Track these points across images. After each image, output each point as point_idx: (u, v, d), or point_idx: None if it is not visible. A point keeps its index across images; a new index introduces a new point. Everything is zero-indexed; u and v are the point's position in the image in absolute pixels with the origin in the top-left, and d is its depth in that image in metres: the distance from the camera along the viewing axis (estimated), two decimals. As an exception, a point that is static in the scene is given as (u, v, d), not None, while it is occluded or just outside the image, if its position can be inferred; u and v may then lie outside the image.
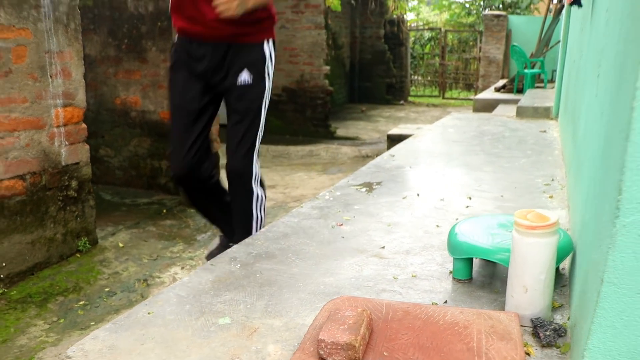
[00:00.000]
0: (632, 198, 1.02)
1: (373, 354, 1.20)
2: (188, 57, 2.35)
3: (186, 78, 2.36)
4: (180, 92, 2.36)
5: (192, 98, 2.36)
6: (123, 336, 1.43)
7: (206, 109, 2.44)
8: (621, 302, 1.09)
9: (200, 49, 2.33)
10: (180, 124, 2.36)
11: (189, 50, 2.34)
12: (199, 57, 2.33)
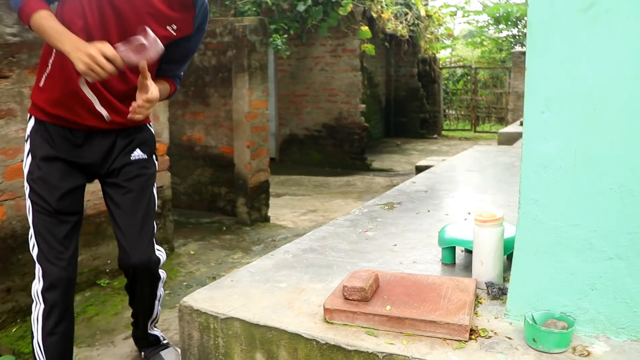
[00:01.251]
0: (526, 195, 1.76)
1: (377, 296, 1.94)
2: (68, 146, 2.01)
3: (64, 172, 2.00)
4: (58, 192, 1.97)
5: (76, 198, 2.05)
6: (216, 292, 2.20)
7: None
8: (525, 260, 1.81)
9: (85, 137, 2.04)
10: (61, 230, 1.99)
11: (68, 139, 2.00)
12: (83, 145, 2.03)
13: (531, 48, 1.67)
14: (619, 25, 1.55)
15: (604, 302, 1.70)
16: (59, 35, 1.78)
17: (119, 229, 2.13)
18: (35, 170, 1.96)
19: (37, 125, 1.98)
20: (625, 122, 1.59)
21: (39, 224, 1.95)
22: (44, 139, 1.98)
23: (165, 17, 1.94)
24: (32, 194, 1.96)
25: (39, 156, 1.96)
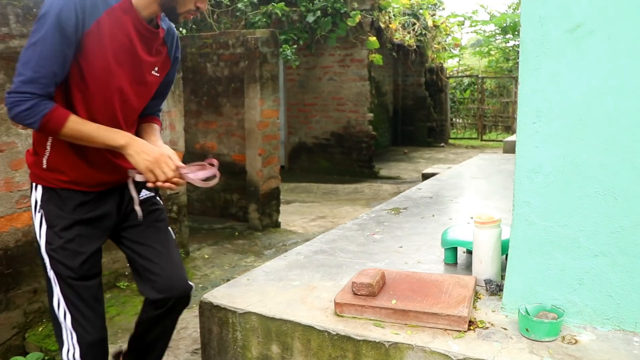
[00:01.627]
0: (519, 198, 1.92)
1: (384, 291, 2.10)
2: (82, 206, 1.91)
3: (83, 237, 1.90)
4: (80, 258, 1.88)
5: (97, 260, 1.97)
6: (234, 290, 2.37)
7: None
8: (519, 258, 1.97)
9: (95, 195, 1.95)
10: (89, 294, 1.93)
11: (81, 199, 1.91)
12: (96, 199, 1.95)
13: (523, 64, 1.84)
14: (601, 44, 1.72)
15: (591, 296, 1.86)
16: (109, 133, 1.78)
17: (150, 263, 2.03)
18: (54, 240, 1.86)
19: (47, 193, 1.89)
20: (608, 132, 1.75)
21: (67, 292, 1.89)
22: (58, 206, 1.88)
23: (148, 64, 1.93)
24: (54, 264, 1.88)
25: (57, 226, 1.86)
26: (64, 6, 1.65)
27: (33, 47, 1.66)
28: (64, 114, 1.72)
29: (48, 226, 1.88)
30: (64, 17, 1.65)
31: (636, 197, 1.75)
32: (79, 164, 1.88)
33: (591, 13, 1.72)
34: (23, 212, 3.15)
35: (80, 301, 1.91)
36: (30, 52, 1.66)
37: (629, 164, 1.74)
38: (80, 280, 1.89)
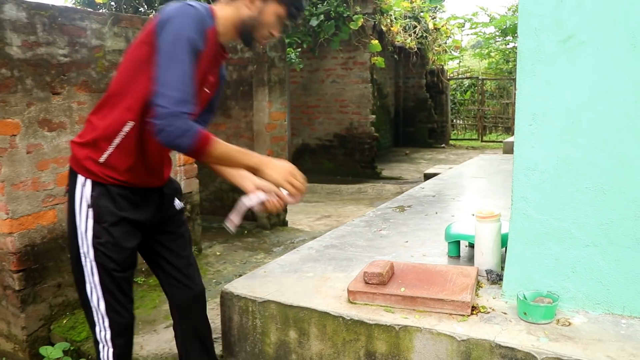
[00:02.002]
0: (517, 194, 2.10)
1: (393, 281, 2.28)
2: (129, 205, 2.01)
3: (128, 233, 2.01)
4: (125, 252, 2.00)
5: (135, 255, 2.10)
6: (253, 281, 2.55)
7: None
8: (517, 249, 2.15)
9: (142, 195, 2.06)
10: (126, 285, 2.06)
11: (129, 198, 2.01)
12: (141, 203, 2.05)
13: (520, 71, 2.02)
14: (591, 54, 1.90)
15: (583, 282, 2.03)
16: (244, 154, 1.91)
17: (175, 269, 2.21)
18: (103, 234, 1.94)
19: (97, 188, 1.94)
20: (597, 133, 1.93)
21: (106, 281, 1.98)
22: (109, 203, 1.95)
23: (209, 84, 2.07)
24: (98, 256, 1.95)
25: (106, 222, 1.95)
26: (192, 28, 1.77)
27: (172, 69, 1.73)
28: (209, 134, 1.81)
29: (96, 221, 1.94)
30: (194, 39, 1.77)
31: (623, 192, 1.93)
32: (137, 166, 1.98)
33: (581, 25, 1.90)
34: (48, 210, 3.32)
35: (117, 289, 2.01)
36: (170, 74, 1.73)
37: (616, 162, 1.92)
38: (121, 272, 2.00)
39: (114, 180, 1.96)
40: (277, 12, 1.96)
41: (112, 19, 3.57)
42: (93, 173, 1.95)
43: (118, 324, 2.05)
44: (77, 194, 1.97)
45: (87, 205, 1.95)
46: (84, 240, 1.97)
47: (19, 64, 3.06)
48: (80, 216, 1.96)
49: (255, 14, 1.95)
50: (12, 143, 3.07)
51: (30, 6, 3.10)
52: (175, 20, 1.77)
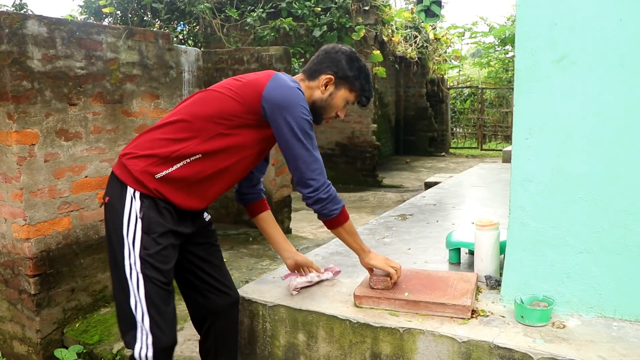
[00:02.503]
0: (515, 204, 2.22)
1: (397, 286, 2.40)
2: (173, 218, 2.08)
3: (173, 245, 2.09)
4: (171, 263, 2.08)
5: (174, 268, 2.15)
6: (263, 286, 2.67)
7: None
8: (515, 255, 2.27)
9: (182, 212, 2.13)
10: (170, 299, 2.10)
11: (171, 211, 2.07)
12: (181, 217, 2.12)
13: (517, 89, 2.15)
14: (583, 73, 2.03)
15: (577, 287, 2.16)
16: (358, 237, 2.39)
17: (212, 278, 2.32)
18: (151, 246, 1.99)
19: (146, 201, 2.01)
20: (589, 147, 2.06)
21: (153, 295, 2.00)
22: (157, 214, 2.02)
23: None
24: (147, 268, 1.99)
25: (155, 233, 2.00)
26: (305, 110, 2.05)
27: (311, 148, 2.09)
28: (345, 214, 2.29)
29: (144, 232, 1.99)
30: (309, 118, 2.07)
31: (613, 202, 2.05)
32: (195, 192, 2.10)
33: (574, 47, 2.03)
34: (64, 216, 3.45)
35: (164, 305, 2.04)
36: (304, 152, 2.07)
37: (607, 174, 2.05)
38: (167, 285, 2.04)
39: (163, 197, 2.03)
40: (347, 97, 2.19)
41: (126, 33, 3.71)
42: (145, 186, 2.01)
43: (161, 342, 2.04)
44: (126, 206, 2.01)
45: (136, 217, 2.00)
46: (132, 252, 2.00)
47: (39, 76, 3.20)
48: (128, 227, 2.00)
49: (326, 97, 2.18)
50: (31, 152, 3.21)
51: (50, 21, 3.24)
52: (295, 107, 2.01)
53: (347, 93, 2.19)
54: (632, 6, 1.94)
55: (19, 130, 3.13)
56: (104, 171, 3.68)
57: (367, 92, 2.21)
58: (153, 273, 2.00)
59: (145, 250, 1.99)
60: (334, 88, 2.17)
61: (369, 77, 2.22)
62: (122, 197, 2.02)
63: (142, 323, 2.02)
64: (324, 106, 2.19)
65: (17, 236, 3.29)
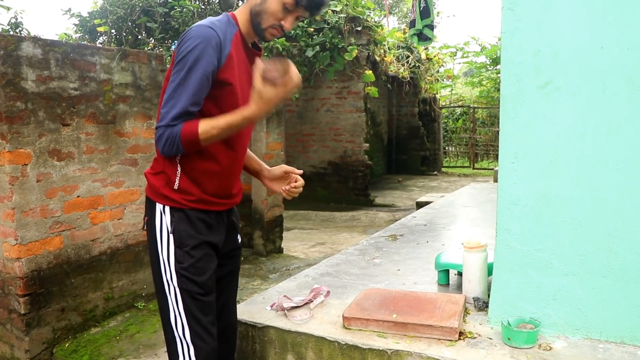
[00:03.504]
0: (501, 226, 2.25)
1: (385, 307, 2.42)
2: (206, 228, 2.03)
3: (209, 255, 2.04)
4: (207, 274, 2.02)
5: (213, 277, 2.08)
6: (252, 307, 2.68)
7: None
8: (502, 278, 2.30)
9: (216, 217, 2.08)
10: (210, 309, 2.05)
11: (205, 221, 2.03)
12: (215, 225, 2.07)
13: (503, 113, 2.19)
14: (566, 99, 2.08)
15: (563, 309, 2.18)
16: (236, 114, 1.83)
17: (222, 307, 2.23)
18: (185, 259, 1.96)
19: (177, 214, 1.98)
20: (573, 171, 2.10)
21: (191, 307, 1.98)
22: (188, 226, 1.98)
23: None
24: (182, 281, 1.97)
25: (188, 245, 1.97)
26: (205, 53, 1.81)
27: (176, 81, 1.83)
28: (193, 126, 1.82)
29: (177, 246, 1.96)
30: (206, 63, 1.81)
31: (597, 226, 2.09)
32: (207, 175, 1.99)
33: (558, 73, 2.08)
34: (55, 236, 3.46)
35: (203, 316, 2.01)
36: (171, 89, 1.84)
37: (591, 198, 2.09)
38: (205, 296, 2.00)
39: (192, 203, 1.98)
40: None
41: (120, 54, 3.75)
42: (171, 199, 1.98)
43: (203, 351, 2.02)
44: (157, 222, 2.00)
45: (167, 232, 1.98)
46: (167, 267, 1.99)
47: (33, 97, 3.23)
48: (162, 243, 1.99)
49: (259, 2, 1.91)
50: (24, 172, 3.22)
51: (45, 43, 3.28)
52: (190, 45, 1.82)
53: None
54: (613, 35, 1.99)
55: (12, 150, 3.15)
56: (96, 191, 3.70)
57: None
58: (190, 286, 1.97)
59: (179, 264, 1.96)
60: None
61: None
62: (153, 214, 2.01)
63: (183, 336, 2.00)
64: (259, 12, 1.91)
65: (8, 255, 3.29)
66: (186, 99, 1.82)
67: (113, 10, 8.76)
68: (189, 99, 1.82)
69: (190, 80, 1.81)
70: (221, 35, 1.86)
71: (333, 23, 8.97)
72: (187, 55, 1.81)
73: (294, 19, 1.93)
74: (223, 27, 1.90)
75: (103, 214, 3.80)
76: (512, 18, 2.13)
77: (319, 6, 1.92)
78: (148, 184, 2.06)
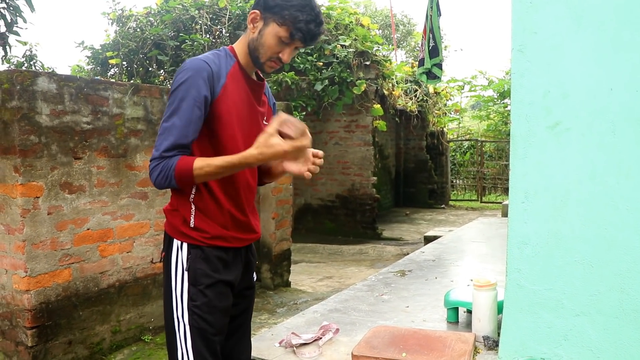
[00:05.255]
0: (511, 266, 2.25)
1: (395, 346, 2.41)
2: (223, 266, 2.00)
3: (223, 294, 2.00)
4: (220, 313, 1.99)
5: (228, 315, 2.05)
6: (261, 343, 2.67)
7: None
8: (512, 317, 2.29)
9: (234, 254, 2.04)
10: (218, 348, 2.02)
11: (223, 259, 2.00)
12: (231, 262, 2.03)
13: (513, 153, 2.20)
14: (576, 139, 2.09)
15: (574, 350, 2.16)
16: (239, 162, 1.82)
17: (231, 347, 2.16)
18: (198, 297, 1.94)
19: (193, 251, 1.96)
20: (584, 211, 2.10)
21: (200, 346, 1.95)
22: (204, 264, 1.96)
23: (260, 114, 2.09)
24: (194, 319, 1.94)
25: (202, 284, 1.94)
26: (195, 84, 1.83)
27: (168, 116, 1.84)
28: (188, 163, 1.81)
29: (191, 284, 1.94)
30: (196, 93, 1.82)
31: (609, 266, 2.08)
32: (221, 210, 1.96)
33: (567, 114, 2.10)
34: (65, 268, 3.47)
35: (210, 354, 1.97)
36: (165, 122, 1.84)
37: (602, 238, 2.09)
38: (216, 335, 1.97)
39: (209, 240, 1.96)
40: (277, 33, 1.89)
41: (132, 89, 3.81)
42: (188, 236, 1.96)
43: None
44: (173, 258, 1.99)
45: (182, 269, 1.96)
46: (179, 304, 1.96)
47: (47, 130, 3.28)
48: (176, 280, 1.97)
49: (256, 36, 1.92)
50: (35, 205, 3.25)
51: (60, 78, 3.33)
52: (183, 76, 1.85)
53: (276, 28, 1.88)
54: (622, 77, 2.01)
55: (24, 183, 3.18)
56: (106, 224, 3.72)
57: (299, 23, 1.86)
58: (202, 324, 1.94)
59: (192, 301, 1.94)
60: (262, 24, 1.90)
61: (304, 7, 1.87)
62: (170, 249, 2.00)
63: None
64: (256, 46, 1.92)
65: (17, 287, 3.30)
66: (178, 130, 1.82)
67: (125, 43, 8.91)
68: (181, 130, 1.83)
69: (181, 112, 1.83)
70: (214, 67, 1.89)
71: (342, 57, 9.08)
72: (178, 87, 1.84)
73: (292, 50, 1.95)
74: (217, 60, 1.93)
75: (112, 246, 3.81)
76: (522, 59, 2.16)
77: (313, 38, 1.93)
78: (167, 220, 2.05)
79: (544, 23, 2.16)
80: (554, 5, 2.14)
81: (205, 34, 8.36)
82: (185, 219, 1.97)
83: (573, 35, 2.11)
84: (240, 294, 2.11)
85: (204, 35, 8.26)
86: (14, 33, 5.20)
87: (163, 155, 1.83)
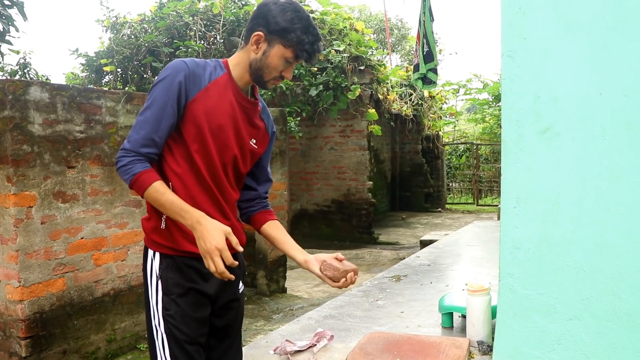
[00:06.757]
0: (504, 270, 2.25)
1: (389, 352, 2.40)
2: (197, 276, 1.97)
3: (197, 303, 1.97)
4: (194, 322, 1.96)
5: (206, 325, 2.02)
6: (255, 351, 2.66)
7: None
8: (505, 322, 2.29)
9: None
10: (199, 356, 1.99)
11: (196, 268, 1.96)
12: (208, 276, 1.96)
13: (504, 159, 2.21)
14: (566, 144, 2.09)
15: (568, 354, 2.16)
16: (180, 211, 1.82)
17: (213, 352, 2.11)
18: (171, 306, 1.93)
19: (165, 260, 1.95)
20: (575, 215, 2.10)
21: (179, 354, 1.94)
22: (175, 274, 1.95)
23: (247, 133, 2.05)
24: (169, 328, 1.92)
25: (174, 293, 1.93)
26: (170, 82, 1.87)
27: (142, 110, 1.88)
28: (148, 181, 1.83)
29: (164, 293, 1.93)
30: (171, 91, 1.86)
31: (601, 270, 2.08)
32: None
33: (558, 118, 2.10)
34: (58, 278, 3.46)
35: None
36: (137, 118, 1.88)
37: (593, 242, 2.09)
38: (192, 345, 1.94)
39: (179, 252, 1.95)
40: (283, 54, 1.92)
41: (125, 98, 3.81)
42: (160, 245, 1.97)
43: None
44: (148, 267, 1.99)
45: (156, 277, 1.96)
46: (155, 313, 1.96)
47: (39, 140, 3.27)
48: (151, 289, 1.97)
49: (259, 57, 1.94)
50: (28, 214, 3.24)
51: (52, 87, 3.33)
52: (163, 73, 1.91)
53: (282, 49, 1.91)
54: (611, 81, 2.02)
55: (17, 192, 3.18)
56: (100, 232, 3.71)
57: (305, 45, 1.91)
58: (176, 333, 1.93)
59: (166, 310, 1.93)
60: (267, 45, 1.92)
61: (308, 28, 1.92)
62: (145, 259, 2.01)
63: None
64: (260, 67, 1.94)
65: (11, 298, 3.29)
66: (150, 125, 1.87)
67: (119, 50, 8.91)
68: (153, 125, 1.87)
69: (154, 107, 1.87)
70: (196, 69, 1.92)
71: (336, 62, 9.09)
72: (156, 85, 1.89)
73: (293, 67, 1.99)
74: (203, 65, 1.95)
75: (107, 255, 3.80)
76: (511, 65, 2.17)
77: (316, 57, 1.99)
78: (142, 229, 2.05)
79: (533, 28, 2.16)
80: (543, 10, 2.15)
81: (199, 41, 8.36)
82: (156, 227, 1.97)
83: (562, 41, 2.12)
84: (225, 306, 2.05)
85: (198, 42, 8.26)
86: (6, 42, 5.19)
87: (133, 150, 1.85)
